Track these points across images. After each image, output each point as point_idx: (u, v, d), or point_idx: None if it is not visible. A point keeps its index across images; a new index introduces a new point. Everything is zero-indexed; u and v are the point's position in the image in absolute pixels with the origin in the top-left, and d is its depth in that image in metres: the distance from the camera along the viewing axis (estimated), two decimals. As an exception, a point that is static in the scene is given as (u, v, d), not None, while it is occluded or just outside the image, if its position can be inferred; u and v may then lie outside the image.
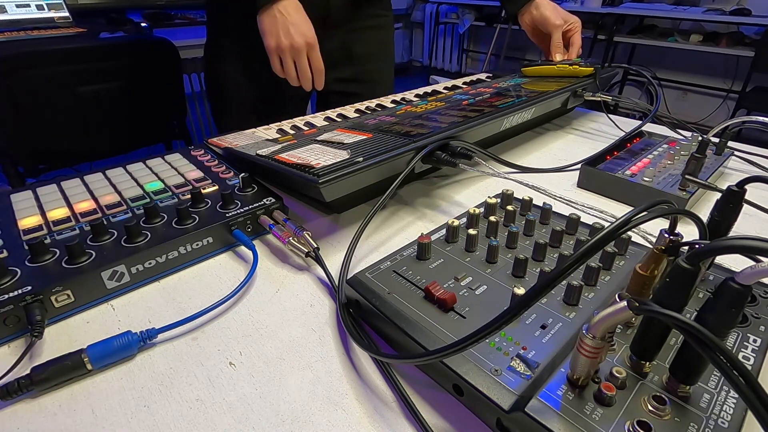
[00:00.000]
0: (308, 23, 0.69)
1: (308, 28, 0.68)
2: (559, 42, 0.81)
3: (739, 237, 0.18)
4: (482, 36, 4.45)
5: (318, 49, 0.70)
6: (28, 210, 0.41)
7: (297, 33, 0.67)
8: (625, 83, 3.50)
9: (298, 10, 0.68)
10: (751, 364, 0.26)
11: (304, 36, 0.67)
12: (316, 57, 0.70)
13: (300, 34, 0.67)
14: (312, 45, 0.69)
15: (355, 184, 0.43)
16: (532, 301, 0.21)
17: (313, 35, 0.69)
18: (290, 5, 0.67)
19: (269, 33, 0.68)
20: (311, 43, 0.69)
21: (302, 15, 0.68)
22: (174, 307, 0.35)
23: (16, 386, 0.27)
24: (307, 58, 0.70)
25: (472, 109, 0.58)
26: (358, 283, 0.33)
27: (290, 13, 0.67)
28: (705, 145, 0.48)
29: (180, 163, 0.52)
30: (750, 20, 2.61)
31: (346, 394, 0.28)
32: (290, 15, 0.67)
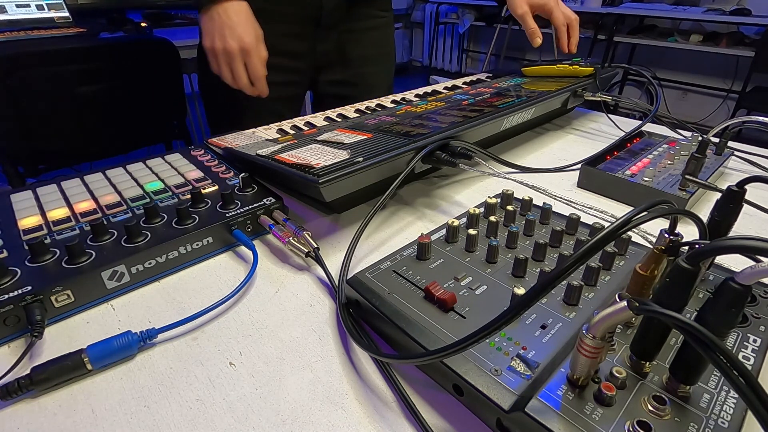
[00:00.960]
0: (248, 27, 0.66)
1: (246, 32, 0.66)
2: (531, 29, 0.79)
3: (739, 237, 0.18)
4: (482, 36, 4.45)
5: (256, 55, 0.67)
6: (28, 210, 0.41)
7: (231, 36, 0.65)
8: (625, 83, 3.50)
9: (238, 12, 0.66)
10: (751, 364, 0.26)
11: (239, 40, 0.65)
12: (252, 63, 0.68)
13: (235, 38, 0.65)
14: (248, 50, 0.66)
15: (355, 184, 0.43)
16: (532, 301, 0.21)
17: (252, 40, 0.66)
18: (231, 7, 0.65)
19: (206, 33, 0.67)
20: (246, 48, 0.66)
21: (242, 18, 0.66)
22: (174, 307, 0.35)
23: (16, 386, 0.27)
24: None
25: (472, 109, 0.58)
26: (358, 283, 0.33)
27: (229, 16, 0.65)
28: (705, 145, 0.48)
29: (180, 163, 0.52)
30: (750, 20, 2.61)
31: (346, 394, 0.28)
32: (229, 18, 0.65)
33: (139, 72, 1.47)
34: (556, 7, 0.80)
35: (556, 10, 0.80)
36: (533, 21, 0.79)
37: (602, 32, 3.17)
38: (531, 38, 0.79)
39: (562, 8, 0.81)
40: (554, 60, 0.80)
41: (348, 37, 0.85)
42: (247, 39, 0.66)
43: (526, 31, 0.79)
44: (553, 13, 0.80)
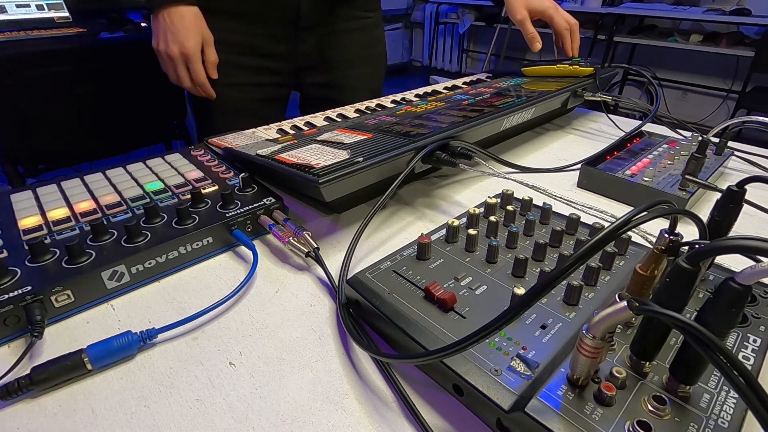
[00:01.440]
0: (190, 32, 0.67)
1: (188, 37, 0.67)
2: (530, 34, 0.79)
3: (739, 237, 0.18)
4: (482, 36, 4.45)
5: (197, 60, 0.69)
6: (28, 210, 0.41)
7: (173, 41, 0.67)
8: (625, 83, 3.50)
9: (182, 17, 0.67)
10: (751, 364, 0.26)
11: (180, 45, 0.67)
12: (193, 68, 0.69)
13: (176, 43, 0.67)
14: (188, 55, 0.68)
15: (355, 184, 0.43)
16: (532, 301, 0.21)
17: (192, 45, 0.68)
18: (176, 12, 0.67)
19: (154, 36, 0.69)
20: (188, 54, 0.68)
21: (186, 23, 0.67)
22: (174, 307, 0.35)
23: (16, 386, 0.27)
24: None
25: (472, 109, 0.58)
26: (358, 283, 0.33)
27: (173, 21, 0.67)
28: (705, 145, 0.48)
29: (180, 163, 0.52)
30: (750, 20, 2.61)
31: (346, 394, 0.28)
32: (173, 22, 0.67)
33: (138, 72, 1.47)
34: (556, 13, 0.80)
35: (557, 16, 0.79)
36: (532, 26, 0.79)
37: (602, 32, 3.17)
38: (530, 43, 0.79)
39: (562, 13, 0.80)
40: (554, 60, 0.80)
41: (329, 39, 0.83)
42: (188, 44, 0.67)
43: (525, 36, 0.79)
44: (554, 19, 0.80)
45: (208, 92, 0.74)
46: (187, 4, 0.67)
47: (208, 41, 0.71)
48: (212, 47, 0.71)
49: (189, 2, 0.68)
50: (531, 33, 0.79)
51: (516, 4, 0.79)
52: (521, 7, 0.78)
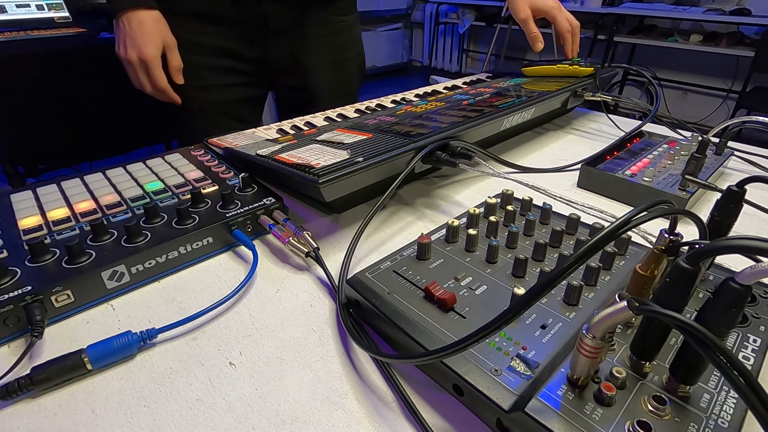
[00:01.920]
0: (148, 38, 0.66)
1: (146, 43, 0.66)
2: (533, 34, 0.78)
3: (739, 237, 0.18)
4: (482, 36, 4.45)
5: (156, 66, 0.68)
6: (28, 210, 0.41)
7: (132, 47, 0.66)
8: (625, 83, 3.50)
9: (141, 23, 0.66)
10: (751, 364, 0.26)
11: (139, 52, 0.66)
12: (153, 75, 0.69)
13: (135, 49, 0.66)
14: (146, 62, 0.67)
15: (355, 184, 0.43)
16: (532, 301, 0.21)
17: (151, 51, 0.67)
18: (135, 17, 0.66)
19: (115, 40, 0.69)
20: (146, 60, 0.67)
21: (145, 29, 0.66)
22: (174, 307, 0.35)
23: (16, 386, 0.27)
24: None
25: (472, 109, 0.58)
26: (358, 283, 0.33)
27: (132, 26, 0.66)
28: (705, 145, 0.48)
29: (180, 163, 0.52)
30: (750, 20, 2.61)
31: (346, 394, 0.28)
32: (132, 28, 0.66)
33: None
34: (559, 14, 0.79)
35: (560, 17, 0.79)
36: (535, 25, 0.79)
37: (602, 32, 3.17)
38: (533, 43, 0.79)
39: (565, 14, 0.80)
40: (554, 60, 0.80)
41: (301, 43, 0.82)
42: (146, 50, 0.67)
43: (527, 35, 0.79)
44: (557, 19, 0.79)
45: (171, 98, 0.72)
46: (147, 8, 0.66)
47: (171, 46, 0.70)
48: (175, 52, 0.70)
49: (149, 6, 0.67)
50: (534, 32, 0.78)
51: (519, 3, 0.78)
52: (525, 6, 0.78)
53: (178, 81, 0.72)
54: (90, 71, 1.45)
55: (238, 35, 0.76)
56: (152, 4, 0.67)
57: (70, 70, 1.43)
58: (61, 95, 1.44)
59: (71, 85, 1.44)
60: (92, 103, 1.50)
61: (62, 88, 1.43)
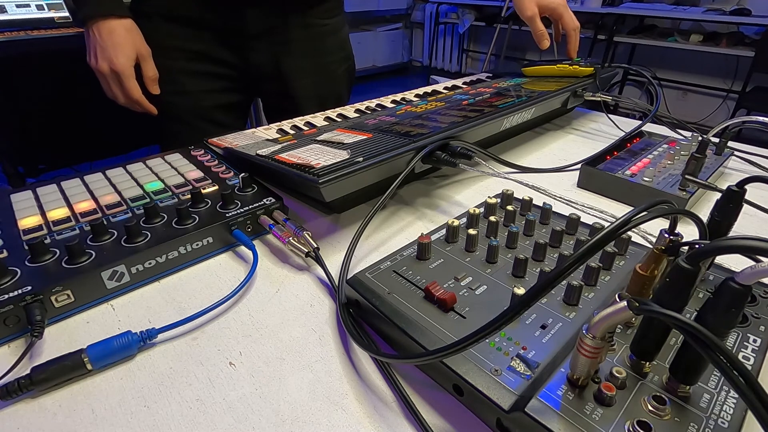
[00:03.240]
0: (120, 48, 0.64)
1: (117, 53, 0.64)
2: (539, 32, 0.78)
3: (739, 237, 0.18)
4: (482, 36, 4.45)
5: (128, 77, 0.66)
6: (28, 210, 0.41)
7: (103, 58, 0.64)
8: (625, 83, 3.50)
9: (112, 32, 0.64)
10: (751, 364, 0.26)
11: (110, 62, 0.64)
12: (126, 86, 0.67)
13: (106, 59, 0.64)
14: (118, 72, 0.65)
15: (355, 184, 0.43)
16: (532, 301, 0.21)
17: (123, 62, 0.64)
18: (105, 27, 0.63)
19: (87, 50, 0.67)
20: (117, 70, 0.65)
21: (116, 38, 0.64)
22: (174, 307, 0.35)
23: (16, 386, 0.27)
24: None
25: (472, 109, 0.58)
26: (358, 283, 0.33)
27: (102, 36, 0.63)
28: (705, 145, 0.48)
29: (180, 163, 0.52)
30: (750, 20, 2.61)
31: (346, 394, 0.28)
32: (102, 38, 0.63)
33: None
34: (566, 12, 0.79)
35: (566, 15, 0.79)
36: (541, 23, 0.79)
37: (602, 32, 3.17)
38: (539, 40, 0.79)
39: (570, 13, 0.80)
40: (554, 60, 0.80)
41: (282, 48, 0.79)
42: (117, 61, 0.64)
43: (534, 33, 0.79)
44: (563, 17, 0.79)
45: (146, 108, 0.70)
46: (118, 16, 0.64)
47: (144, 56, 0.68)
48: (150, 62, 0.68)
49: (120, 15, 0.64)
50: (540, 30, 0.78)
51: (526, 1, 0.78)
52: (531, 3, 0.78)
53: (153, 91, 0.70)
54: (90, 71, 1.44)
55: (216, 39, 0.74)
56: (124, 13, 0.65)
57: (70, 70, 1.43)
58: (61, 95, 1.44)
59: (71, 85, 1.44)
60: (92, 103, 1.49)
61: (62, 88, 1.43)
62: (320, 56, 0.84)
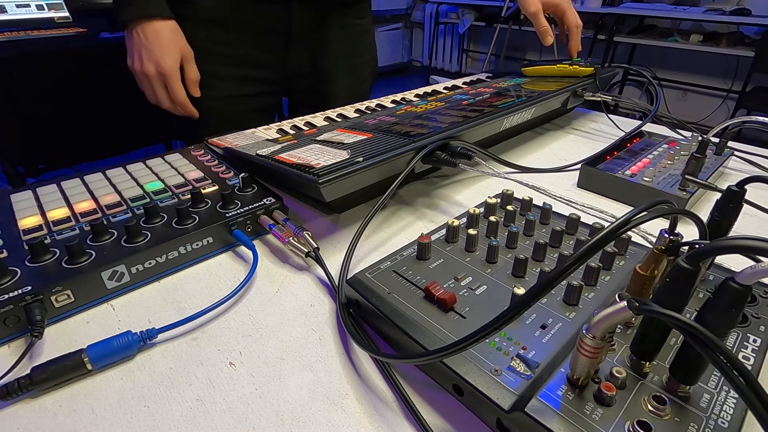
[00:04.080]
0: (166, 49, 0.63)
1: (164, 55, 0.63)
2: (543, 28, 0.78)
3: (739, 237, 0.18)
4: (482, 36, 4.45)
5: (175, 79, 0.65)
6: (28, 210, 0.41)
7: (149, 60, 0.63)
8: (625, 83, 3.50)
9: (157, 33, 0.63)
10: (751, 364, 0.26)
11: (157, 64, 0.63)
12: (172, 88, 0.66)
13: (152, 61, 0.63)
14: (165, 74, 0.64)
15: (355, 184, 0.43)
16: (532, 301, 0.21)
17: (170, 64, 0.64)
18: (150, 28, 0.62)
19: (128, 53, 0.66)
20: (165, 73, 0.64)
21: (162, 40, 0.63)
22: (174, 307, 0.35)
23: (16, 386, 0.27)
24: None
25: (472, 109, 0.58)
26: (358, 283, 0.33)
27: (148, 37, 0.62)
28: (705, 145, 0.48)
29: (180, 163, 0.52)
30: (750, 20, 2.61)
31: (346, 394, 0.28)
32: (148, 39, 0.62)
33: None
34: (569, 9, 0.80)
35: (569, 12, 0.80)
36: (545, 20, 0.79)
37: (602, 32, 3.17)
38: (542, 37, 0.79)
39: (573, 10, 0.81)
40: (554, 60, 0.80)
41: (319, 47, 0.82)
42: (165, 63, 0.63)
43: (537, 29, 0.79)
44: (566, 13, 0.79)
45: (189, 111, 0.70)
46: (163, 18, 0.63)
47: (188, 58, 0.67)
48: (193, 64, 0.68)
49: (165, 16, 0.64)
50: (544, 26, 0.78)
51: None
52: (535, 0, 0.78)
53: (194, 94, 0.70)
54: (90, 71, 1.45)
55: (257, 42, 0.75)
56: (168, 14, 0.64)
57: (70, 70, 1.43)
58: (61, 95, 1.44)
59: (71, 85, 1.44)
60: (92, 103, 1.50)
61: (62, 88, 1.43)
62: (353, 56, 0.87)
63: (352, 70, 0.88)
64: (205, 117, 0.75)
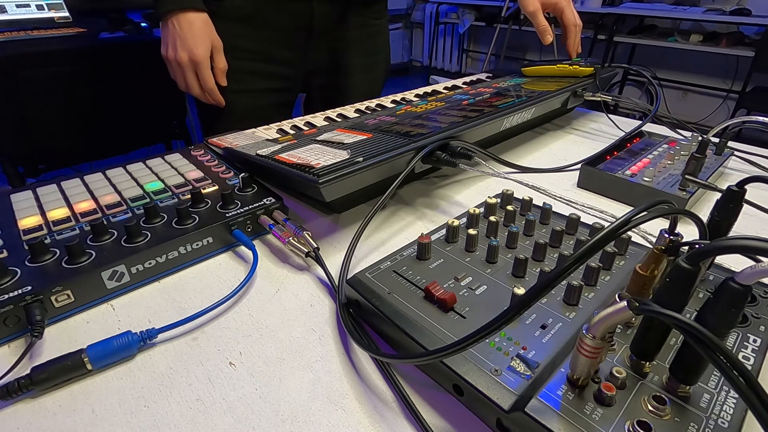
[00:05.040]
0: (199, 39, 0.67)
1: (197, 44, 0.67)
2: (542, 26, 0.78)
3: (739, 237, 0.18)
4: (482, 36, 4.45)
5: (206, 67, 0.69)
6: (28, 210, 0.41)
7: (182, 48, 0.67)
8: (625, 83, 3.50)
9: (191, 24, 0.66)
10: (751, 364, 0.26)
11: (190, 52, 0.67)
12: (203, 75, 0.70)
13: (185, 50, 0.67)
14: (197, 62, 0.68)
15: (355, 184, 0.43)
16: (532, 301, 0.21)
17: (202, 52, 0.67)
18: (185, 18, 0.66)
19: (162, 42, 0.69)
20: (197, 60, 0.68)
21: (195, 30, 0.67)
22: (174, 307, 0.35)
23: (16, 386, 0.27)
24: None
25: (472, 109, 0.58)
26: (358, 283, 0.33)
27: (182, 27, 0.66)
28: (705, 145, 0.48)
29: (180, 163, 0.52)
30: (750, 20, 2.61)
31: (346, 394, 0.28)
32: (182, 29, 0.66)
33: (138, 72, 1.47)
34: (568, 7, 0.80)
35: (568, 10, 0.80)
36: (544, 18, 0.79)
37: (602, 32, 3.17)
38: (542, 35, 0.79)
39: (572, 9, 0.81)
40: (554, 60, 0.80)
41: (339, 45, 0.85)
42: (197, 51, 0.67)
43: (536, 28, 0.79)
44: (564, 12, 0.80)
45: (217, 99, 0.74)
46: (196, 10, 0.67)
47: (218, 48, 0.71)
48: (221, 54, 0.71)
49: (198, 8, 0.67)
50: (543, 25, 0.79)
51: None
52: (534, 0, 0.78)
53: (222, 83, 0.73)
54: (90, 71, 1.44)
55: (280, 39, 0.78)
56: (201, 6, 0.68)
57: (70, 70, 1.43)
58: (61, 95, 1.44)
59: (71, 85, 1.44)
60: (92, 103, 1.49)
61: (62, 88, 1.43)
62: (370, 55, 0.91)
63: (368, 68, 0.92)
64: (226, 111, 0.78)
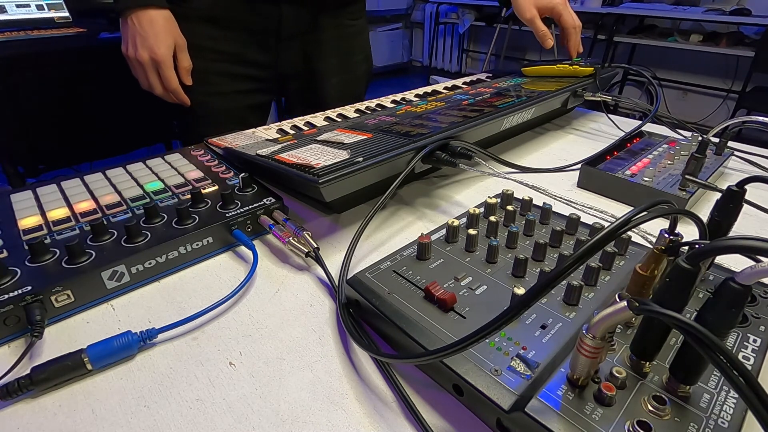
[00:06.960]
0: (160, 37, 0.65)
1: (158, 42, 0.65)
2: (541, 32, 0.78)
3: (739, 237, 0.18)
4: (482, 36, 4.45)
5: (168, 66, 0.67)
6: (28, 210, 0.41)
7: (143, 47, 0.65)
8: (625, 83, 3.50)
9: (152, 22, 0.65)
10: (751, 364, 0.26)
11: (151, 51, 0.65)
12: (164, 75, 0.68)
13: (146, 48, 0.65)
14: (158, 61, 0.66)
15: (355, 184, 0.43)
16: (532, 301, 0.21)
17: (164, 51, 0.65)
18: (145, 16, 0.64)
19: (123, 40, 0.67)
20: (159, 60, 0.66)
21: (156, 28, 0.65)
22: (174, 307, 0.35)
23: (16, 386, 0.27)
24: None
25: (472, 109, 0.58)
26: (358, 283, 0.33)
27: (142, 25, 0.64)
28: (705, 145, 0.48)
29: (180, 163, 0.52)
30: (750, 20, 2.61)
31: (346, 394, 0.28)
32: (142, 27, 0.64)
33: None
34: (565, 10, 0.79)
35: (566, 13, 0.79)
36: (542, 24, 0.79)
37: (602, 32, 3.17)
38: (542, 41, 0.79)
39: (570, 11, 0.80)
40: (554, 60, 0.80)
41: (313, 47, 0.83)
42: (158, 50, 0.65)
43: (536, 34, 0.79)
44: (562, 15, 0.79)
45: (181, 99, 0.72)
46: (157, 7, 0.65)
47: (181, 46, 0.69)
48: (185, 52, 0.70)
49: (160, 6, 0.65)
50: (542, 30, 0.78)
51: (524, 3, 0.78)
52: (530, 5, 0.78)
53: (186, 82, 0.71)
54: (90, 71, 1.44)
55: (250, 40, 0.76)
56: (163, 3, 0.66)
57: (70, 70, 1.43)
58: (61, 95, 1.44)
59: (71, 85, 1.44)
60: (92, 103, 1.49)
61: (62, 88, 1.43)
62: (347, 56, 0.89)
63: (345, 70, 0.89)
64: (201, 113, 0.76)
